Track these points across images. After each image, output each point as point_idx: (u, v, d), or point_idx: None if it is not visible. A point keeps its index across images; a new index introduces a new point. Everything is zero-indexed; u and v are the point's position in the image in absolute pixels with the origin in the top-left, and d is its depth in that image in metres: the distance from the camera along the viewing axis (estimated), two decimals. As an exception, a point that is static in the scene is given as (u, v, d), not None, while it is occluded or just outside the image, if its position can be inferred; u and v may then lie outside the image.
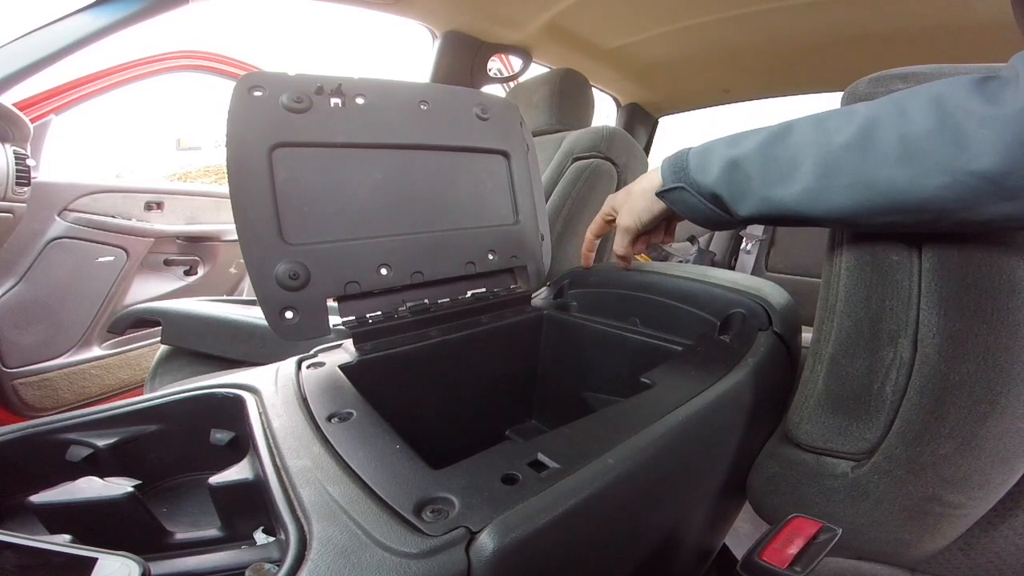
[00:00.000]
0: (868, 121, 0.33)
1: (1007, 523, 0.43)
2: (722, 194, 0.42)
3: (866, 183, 0.33)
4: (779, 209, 0.38)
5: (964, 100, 0.29)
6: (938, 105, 0.30)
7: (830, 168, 0.34)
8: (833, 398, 0.41)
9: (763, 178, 0.38)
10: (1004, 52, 0.30)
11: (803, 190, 0.36)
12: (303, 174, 0.47)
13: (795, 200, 0.37)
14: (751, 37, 1.31)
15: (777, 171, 0.38)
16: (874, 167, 0.32)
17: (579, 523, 0.28)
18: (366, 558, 0.23)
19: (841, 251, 0.41)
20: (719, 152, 0.42)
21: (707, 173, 0.43)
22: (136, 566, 0.20)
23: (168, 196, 1.47)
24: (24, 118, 1.06)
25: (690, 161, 0.45)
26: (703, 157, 0.44)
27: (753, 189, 0.39)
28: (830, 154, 0.34)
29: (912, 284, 0.36)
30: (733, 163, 0.40)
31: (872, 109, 0.34)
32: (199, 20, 1.04)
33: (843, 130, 0.34)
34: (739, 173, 0.40)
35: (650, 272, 0.62)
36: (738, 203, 0.41)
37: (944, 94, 0.30)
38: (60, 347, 1.32)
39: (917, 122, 0.30)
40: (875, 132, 0.32)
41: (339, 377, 0.43)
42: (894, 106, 0.32)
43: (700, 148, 0.45)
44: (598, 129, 1.02)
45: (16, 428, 0.36)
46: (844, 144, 0.34)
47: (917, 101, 0.31)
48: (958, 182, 0.29)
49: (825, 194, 0.35)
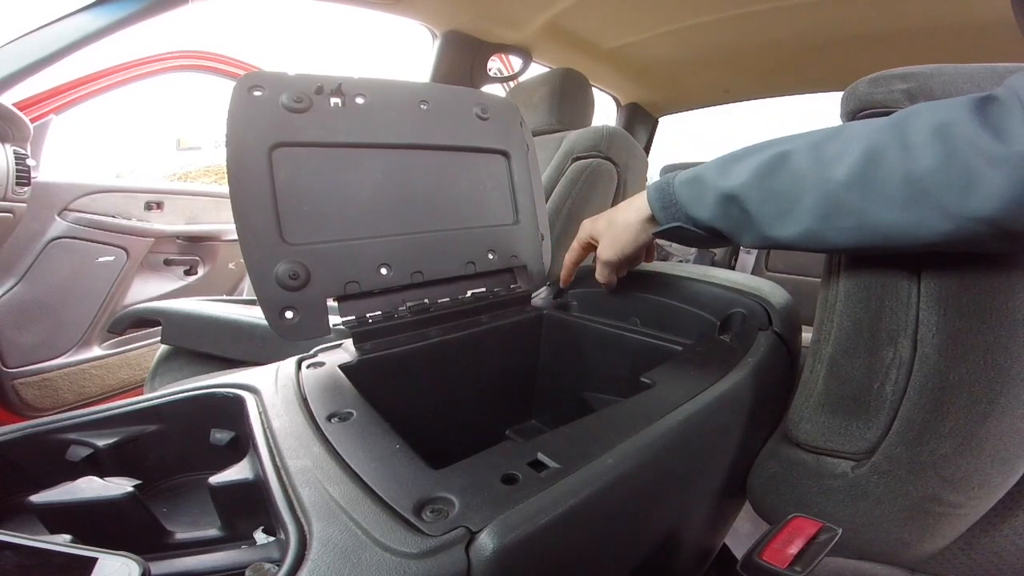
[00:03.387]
0: (869, 153, 0.31)
1: (1007, 523, 0.43)
2: (721, 228, 0.41)
3: (869, 227, 0.32)
4: (780, 245, 0.38)
5: (971, 133, 0.28)
6: (943, 137, 0.28)
7: (831, 208, 0.33)
8: (833, 398, 0.41)
9: (761, 215, 0.37)
10: (1004, 52, 0.30)
11: (804, 231, 0.35)
12: (303, 174, 0.47)
13: (796, 239, 0.36)
14: (751, 37, 1.31)
15: (775, 208, 0.36)
16: (877, 210, 0.31)
17: (579, 523, 0.28)
18: (366, 558, 0.23)
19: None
20: (711, 183, 0.40)
21: (702, 207, 0.41)
22: (136, 566, 0.20)
23: (168, 196, 1.47)
24: (24, 118, 1.06)
25: (678, 193, 0.43)
26: (693, 188, 0.42)
27: (752, 226, 0.38)
28: (830, 193, 0.33)
29: (911, 284, 0.36)
30: (728, 197, 0.39)
31: (872, 137, 0.32)
32: (199, 20, 1.04)
33: (843, 161, 0.32)
34: (735, 208, 0.39)
35: (650, 272, 0.62)
36: (738, 237, 0.40)
37: (948, 123, 0.29)
38: (60, 347, 1.32)
39: (922, 158, 0.29)
40: (878, 167, 0.31)
41: (339, 377, 0.43)
42: (896, 135, 0.31)
43: (687, 177, 0.43)
44: (598, 129, 1.02)
45: (16, 428, 0.36)
46: (845, 182, 0.32)
47: (920, 130, 0.30)
48: (962, 228, 0.28)
49: (826, 235, 0.34)
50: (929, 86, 0.36)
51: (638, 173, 1.07)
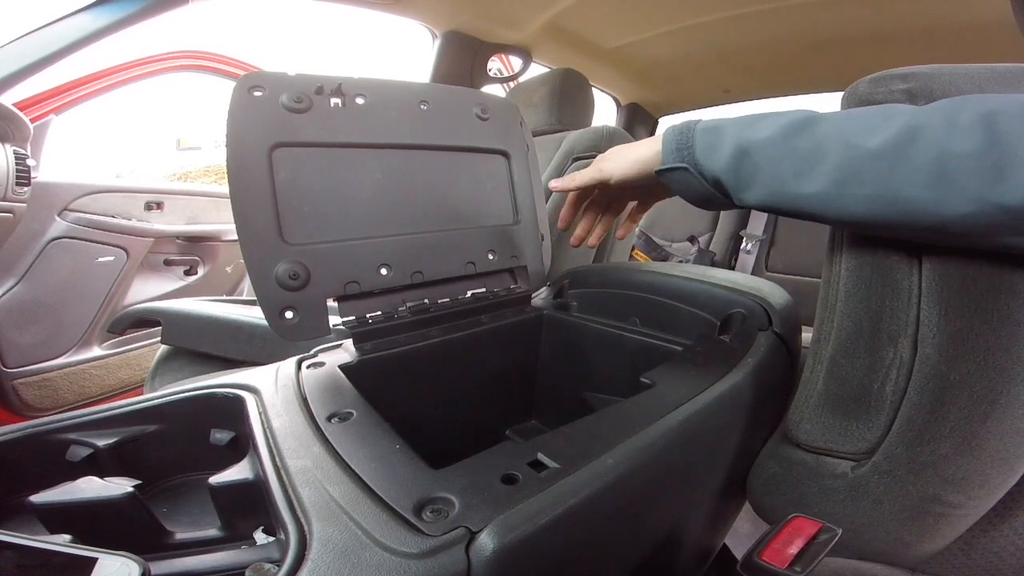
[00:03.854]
0: (910, 129, 0.31)
1: (1007, 523, 0.43)
2: (726, 182, 0.40)
3: (888, 198, 0.31)
4: (787, 204, 0.37)
5: (1018, 125, 0.27)
6: (989, 124, 0.28)
7: (852, 174, 0.32)
8: (833, 398, 0.41)
9: (776, 171, 0.36)
10: (1004, 52, 0.30)
11: (818, 192, 0.34)
12: (303, 174, 0.47)
13: (806, 200, 0.35)
14: (751, 37, 1.31)
15: (793, 166, 0.35)
16: (900, 183, 0.31)
17: (579, 523, 0.28)
18: (366, 558, 0.23)
19: (841, 251, 0.41)
20: (731, 134, 0.39)
21: (715, 157, 0.40)
22: (136, 566, 0.20)
23: (168, 196, 1.47)
24: (24, 118, 1.06)
25: (696, 139, 0.41)
26: (712, 136, 0.40)
27: (762, 180, 0.37)
28: (856, 159, 0.32)
29: (912, 284, 0.36)
30: (745, 150, 0.37)
31: (918, 117, 0.31)
32: (199, 20, 1.04)
33: (877, 133, 0.32)
34: (749, 163, 0.37)
35: (650, 272, 0.62)
36: (743, 191, 0.39)
37: (999, 111, 0.28)
38: (60, 347, 1.32)
39: (963, 141, 0.28)
40: (914, 142, 0.30)
41: (339, 377, 0.43)
42: (945, 116, 0.30)
43: (709, 125, 0.41)
44: (598, 129, 1.02)
45: (16, 428, 0.36)
46: (875, 152, 0.31)
47: (968, 114, 0.29)
48: (983, 212, 0.28)
49: (840, 200, 0.33)
50: (929, 86, 0.35)
51: (638, 173, 1.07)
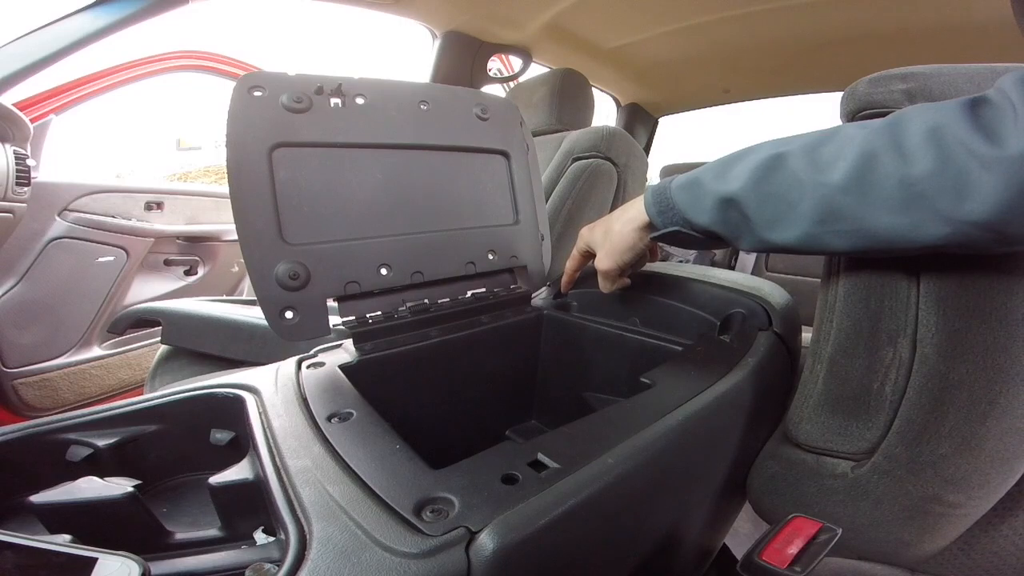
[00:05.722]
0: (864, 157, 0.31)
1: (1007, 523, 0.43)
2: (719, 232, 0.41)
3: (867, 231, 0.32)
4: (779, 249, 0.38)
5: (963, 136, 0.28)
6: (936, 141, 0.28)
7: (829, 213, 0.33)
8: (833, 398, 0.41)
9: (759, 219, 0.37)
10: (1004, 52, 0.30)
11: (802, 234, 0.35)
12: (303, 174, 0.47)
13: (794, 243, 0.36)
14: (751, 37, 1.31)
15: (773, 211, 0.36)
16: (874, 214, 0.31)
17: (579, 523, 0.28)
18: (366, 558, 0.23)
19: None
20: (708, 187, 0.40)
21: (700, 212, 0.41)
22: (136, 566, 0.20)
23: (168, 196, 1.47)
24: (24, 118, 1.06)
25: (675, 198, 0.43)
26: (690, 192, 0.42)
27: (751, 230, 0.38)
28: (827, 197, 0.33)
29: (911, 284, 0.36)
30: (726, 201, 0.39)
31: (867, 141, 0.32)
32: (199, 20, 1.04)
33: (838, 165, 0.32)
34: (734, 212, 0.39)
35: (650, 272, 0.62)
36: (737, 240, 0.40)
37: (941, 126, 0.29)
38: (60, 347, 1.32)
39: (916, 162, 0.29)
40: (873, 171, 0.31)
41: (339, 377, 0.43)
42: (890, 138, 0.31)
43: (684, 181, 0.43)
44: (598, 129, 1.02)
45: (16, 428, 0.36)
46: (841, 186, 0.32)
47: (913, 134, 0.30)
48: (959, 232, 0.29)
49: (824, 239, 0.34)
50: (929, 86, 0.36)
51: (638, 173, 1.07)
